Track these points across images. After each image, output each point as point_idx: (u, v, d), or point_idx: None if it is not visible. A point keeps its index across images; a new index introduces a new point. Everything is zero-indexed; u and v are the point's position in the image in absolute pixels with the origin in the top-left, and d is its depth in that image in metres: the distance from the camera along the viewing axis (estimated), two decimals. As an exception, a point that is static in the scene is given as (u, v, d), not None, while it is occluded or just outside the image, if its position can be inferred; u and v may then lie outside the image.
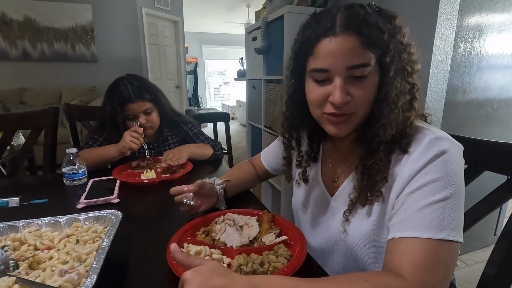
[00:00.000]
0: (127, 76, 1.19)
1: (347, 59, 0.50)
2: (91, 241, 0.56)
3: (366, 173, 0.55)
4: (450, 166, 0.48)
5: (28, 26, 3.69)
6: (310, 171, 0.72)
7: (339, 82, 0.51)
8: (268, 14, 1.80)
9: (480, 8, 1.44)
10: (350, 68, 0.50)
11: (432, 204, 0.46)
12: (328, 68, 0.51)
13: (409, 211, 0.48)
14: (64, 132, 2.90)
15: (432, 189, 0.47)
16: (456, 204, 0.46)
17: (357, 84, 0.51)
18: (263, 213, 0.70)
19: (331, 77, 0.52)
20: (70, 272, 0.45)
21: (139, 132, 1.07)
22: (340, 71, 0.51)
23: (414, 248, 0.45)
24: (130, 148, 1.05)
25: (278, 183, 1.96)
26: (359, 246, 0.59)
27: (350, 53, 0.49)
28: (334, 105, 0.52)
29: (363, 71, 0.50)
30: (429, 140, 0.50)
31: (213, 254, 0.56)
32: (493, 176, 0.65)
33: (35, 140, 1.29)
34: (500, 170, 0.64)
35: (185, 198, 0.68)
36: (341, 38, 0.49)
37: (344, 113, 0.53)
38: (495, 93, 1.63)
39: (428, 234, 0.45)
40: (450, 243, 0.45)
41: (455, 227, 0.45)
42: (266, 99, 1.97)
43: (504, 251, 0.59)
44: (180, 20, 4.94)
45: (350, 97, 0.52)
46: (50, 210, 0.80)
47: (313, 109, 0.58)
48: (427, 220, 0.46)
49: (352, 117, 0.54)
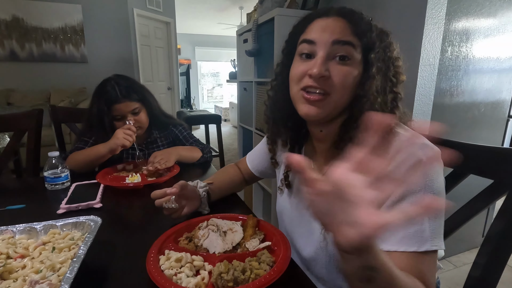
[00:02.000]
0: (114, 76, 1.18)
1: (334, 34, 0.53)
2: (67, 249, 0.54)
3: None
4: (426, 174, 0.47)
5: (16, 26, 3.62)
6: (293, 176, 0.71)
7: (321, 55, 0.53)
8: (259, 17, 1.80)
9: (467, 13, 1.46)
10: (336, 42, 0.52)
11: None
12: (314, 40, 0.54)
13: None
14: (51, 134, 2.84)
15: (411, 201, 0.47)
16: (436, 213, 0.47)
17: (339, 64, 0.53)
18: (248, 217, 0.68)
19: (316, 50, 0.54)
20: (41, 282, 0.43)
21: (133, 130, 1.07)
22: (325, 44, 0.53)
23: (404, 262, 0.45)
24: (123, 145, 1.04)
25: (268, 185, 1.95)
26: None
27: (338, 31, 0.53)
28: (311, 77, 0.53)
29: (347, 50, 0.52)
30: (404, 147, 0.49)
31: (195, 261, 0.54)
32: (479, 179, 0.65)
33: (18, 142, 1.26)
34: (484, 174, 0.64)
35: (166, 202, 0.67)
36: (333, 18, 0.54)
37: (319, 88, 0.53)
38: (482, 97, 1.65)
39: (412, 248, 0.45)
40: (433, 252, 0.46)
41: (436, 235, 0.46)
42: (257, 101, 1.96)
43: (488, 254, 0.60)
44: (172, 22, 4.91)
45: (329, 73, 0.53)
46: (28, 215, 0.77)
47: (293, 86, 0.58)
48: (409, 234, 0.46)
49: (326, 99, 0.54)
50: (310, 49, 0.55)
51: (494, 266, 0.60)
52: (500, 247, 0.59)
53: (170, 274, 0.51)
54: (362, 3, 1.58)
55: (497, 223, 0.60)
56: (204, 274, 0.51)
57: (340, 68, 0.53)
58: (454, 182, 0.70)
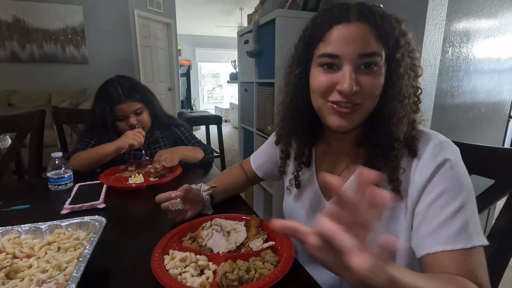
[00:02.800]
0: (116, 77, 1.19)
1: (359, 46, 0.49)
2: (72, 248, 0.55)
3: None
4: (456, 172, 0.48)
5: (17, 27, 3.63)
6: (303, 176, 0.70)
7: (349, 69, 0.50)
8: (259, 18, 1.80)
9: (467, 13, 1.47)
10: (362, 55, 0.49)
11: (453, 215, 0.47)
12: (339, 54, 0.50)
13: (433, 225, 0.48)
14: (53, 135, 2.84)
15: (447, 199, 0.47)
16: (473, 208, 0.47)
17: (366, 74, 0.51)
18: (251, 218, 0.69)
19: (341, 64, 0.51)
20: (48, 281, 0.43)
21: (142, 133, 1.11)
22: (351, 57, 0.50)
23: (453, 261, 0.45)
24: (131, 144, 1.06)
25: (270, 186, 1.95)
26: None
27: (363, 41, 0.49)
28: (341, 94, 0.51)
29: (374, 59, 0.50)
30: (433, 145, 0.50)
31: (199, 260, 0.55)
32: (481, 178, 0.65)
33: (20, 143, 1.26)
34: (487, 174, 0.65)
35: (172, 204, 0.67)
36: (355, 25, 0.49)
37: (351, 102, 0.51)
38: (483, 97, 1.66)
39: (460, 245, 0.45)
40: (480, 247, 0.46)
41: (479, 231, 0.46)
42: (258, 102, 1.97)
43: (490, 254, 0.60)
44: (172, 23, 4.92)
45: (359, 87, 0.50)
46: (33, 216, 0.78)
47: (316, 97, 0.56)
48: (454, 231, 0.46)
49: (358, 110, 0.52)
50: (333, 62, 0.51)
51: (495, 266, 0.60)
52: (502, 246, 0.60)
53: (175, 274, 0.51)
54: (363, 4, 1.59)
55: (498, 222, 0.61)
56: (208, 274, 0.52)
57: (369, 78, 0.51)
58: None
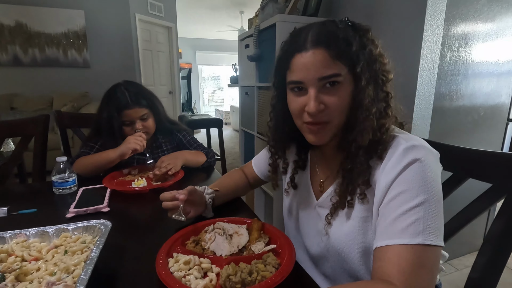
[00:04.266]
0: (124, 82, 1.20)
1: (317, 70, 0.54)
2: (79, 251, 0.56)
3: (347, 176, 0.58)
4: (423, 173, 0.49)
5: (19, 31, 3.66)
6: (299, 178, 0.74)
7: (313, 93, 0.55)
8: (260, 22, 1.83)
9: (465, 18, 1.48)
10: (321, 79, 0.54)
11: (407, 211, 0.48)
12: (302, 80, 0.56)
13: (387, 221, 0.50)
14: (55, 138, 2.86)
15: (406, 197, 0.49)
16: (431, 209, 0.48)
17: (330, 93, 0.55)
18: (253, 221, 0.70)
19: (306, 87, 0.56)
20: (57, 284, 0.45)
21: (143, 136, 1.12)
22: (312, 82, 0.55)
23: (396, 255, 0.46)
24: (134, 148, 1.08)
25: (270, 189, 1.96)
26: (343, 250, 0.60)
27: (320, 65, 0.54)
28: (309, 114, 0.56)
29: (335, 79, 0.54)
30: (403, 149, 0.52)
31: (202, 263, 0.56)
32: (479, 182, 0.67)
33: (24, 148, 1.28)
34: (484, 178, 0.66)
35: (175, 214, 0.70)
36: (312, 52, 0.54)
37: (319, 121, 0.56)
38: (481, 101, 1.67)
39: (404, 240, 0.46)
40: (429, 247, 0.46)
41: (432, 231, 0.47)
42: (258, 105, 1.99)
43: (488, 256, 0.61)
44: (173, 26, 4.95)
45: (324, 105, 0.55)
46: (39, 219, 0.79)
47: (295, 118, 0.62)
48: (402, 227, 0.47)
49: (328, 126, 0.57)
50: (300, 86, 0.57)
51: (493, 268, 0.61)
52: (499, 249, 0.61)
53: (179, 276, 0.52)
54: (360, 10, 1.61)
55: (495, 225, 0.62)
56: (212, 276, 0.53)
57: (332, 98, 0.55)
58: (454, 185, 0.72)
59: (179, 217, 0.70)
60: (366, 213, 0.57)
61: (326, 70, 0.53)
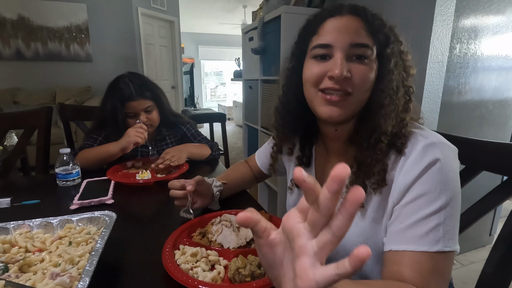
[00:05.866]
0: (128, 74, 1.18)
1: (351, 36, 0.51)
2: (84, 243, 0.55)
3: (363, 170, 0.54)
4: (444, 174, 0.47)
5: (21, 25, 3.64)
6: None
7: (340, 57, 0.51)
8: (265, 14, 1.80)
9: (475, 9, 1.45)
10: (353, 45, 0.51)
11: (427, 217, 0.46)
12: (331, 43, 0.52)
13: (404, 223, 0.48)
14: (58, 132, 2.86)
15: (427, 200, 0.46)
16: (451, 213, 0.46)
17: (357, 63, 0.52)
18: (261, 213, 0.68)
19: (333, 53, 0.52)
20: (62, 275, 0.44)
21: (144, 128, 1.08)
22: (343, 46, 0.51)
23: (415, 262, 0.45)
24: (135, 142, 1.04)
25: (274, 183, 1.95)
26: (354, 248, 0.58)
27: (354, 31, 0.51)
28: (333, 80, 0.52)
29: (365, 51, 0.51)
30: (422, 146, 0.49)
31: (210, 255, 0.55)
32: (487, 176, 0.65)
33: (27, 140, 1.27)
34: (497, 170, 0.64)
35: (183, 211, 0.69)
36: (347, 18, 0.52)
37: (342, 89, 0.52)
38: (490, 94, 1.64)
39: (424, 247, 0.45)
40: (446, 253, 0.45)
41: (451, 237, 0.45)
42: (262, 99, 1.96)
43: (503, 251, 0.59)
44: (176, 21, 4.91)
45: (350, 74, 0.51)
46: (42, 211, 0.78)
47: (308, 87, 0.56)
48: (422, 233, 0.45)
49: (349, 99, 0.53)
50: (326, 52, 0.53)
51: (508, 263, 0.59)
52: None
53: (186, 269, 0.51)
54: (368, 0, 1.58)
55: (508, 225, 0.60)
56: (219, 269, 0.52)
57: (360, 67, 0.52)
58: (467, 179, 0.70)
59: (187, 215, 0.69)
60: (378, 213, 0.54)
61: (359, 38, 0.51)
